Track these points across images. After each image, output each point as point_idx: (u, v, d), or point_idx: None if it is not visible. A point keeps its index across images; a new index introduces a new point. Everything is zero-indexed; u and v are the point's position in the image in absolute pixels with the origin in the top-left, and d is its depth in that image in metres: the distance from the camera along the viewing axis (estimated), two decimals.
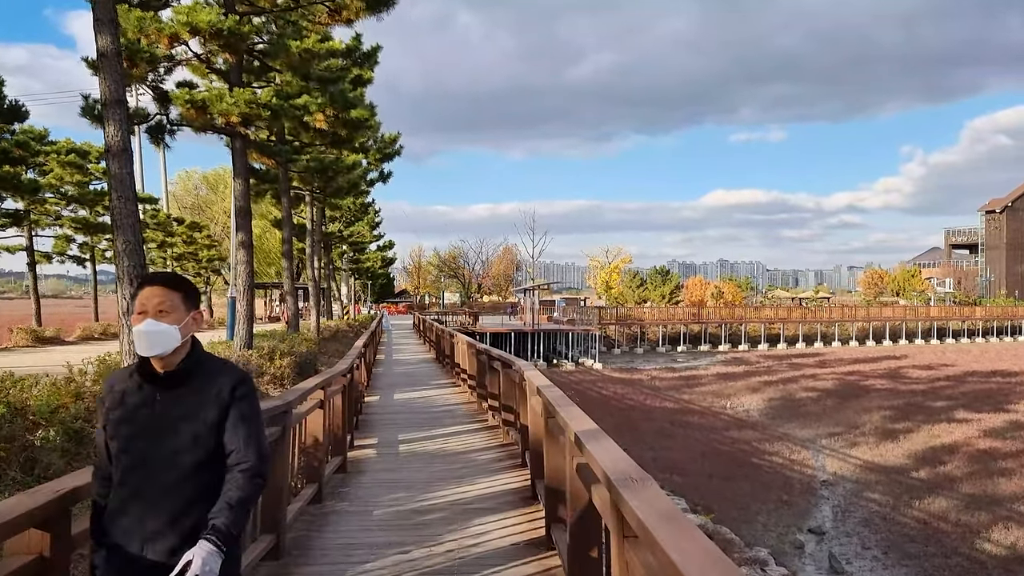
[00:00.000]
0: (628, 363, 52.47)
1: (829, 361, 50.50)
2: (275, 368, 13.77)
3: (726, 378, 40.86)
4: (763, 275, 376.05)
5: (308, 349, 15.95)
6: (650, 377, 41.82)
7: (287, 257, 18.82)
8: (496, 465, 8.27)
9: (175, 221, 42.82)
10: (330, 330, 29.48)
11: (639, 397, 33.03)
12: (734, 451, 23.06)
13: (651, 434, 24.52)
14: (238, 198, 13.39)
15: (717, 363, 51.54)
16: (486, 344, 41.73)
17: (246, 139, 13.66)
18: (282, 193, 18.68)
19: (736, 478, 19.95)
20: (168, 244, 41.17)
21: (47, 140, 26.27)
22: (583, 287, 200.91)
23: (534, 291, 49.94)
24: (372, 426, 11.15)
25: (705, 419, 28.29)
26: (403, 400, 14.08)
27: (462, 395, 14.61)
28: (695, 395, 34.73)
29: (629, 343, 61.41)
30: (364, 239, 44.87)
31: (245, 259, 13.37)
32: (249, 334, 13.25)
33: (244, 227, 13.42)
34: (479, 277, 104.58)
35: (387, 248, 54.12)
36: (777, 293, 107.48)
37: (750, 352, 59.58)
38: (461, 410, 12.63)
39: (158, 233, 38.21)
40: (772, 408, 31.58)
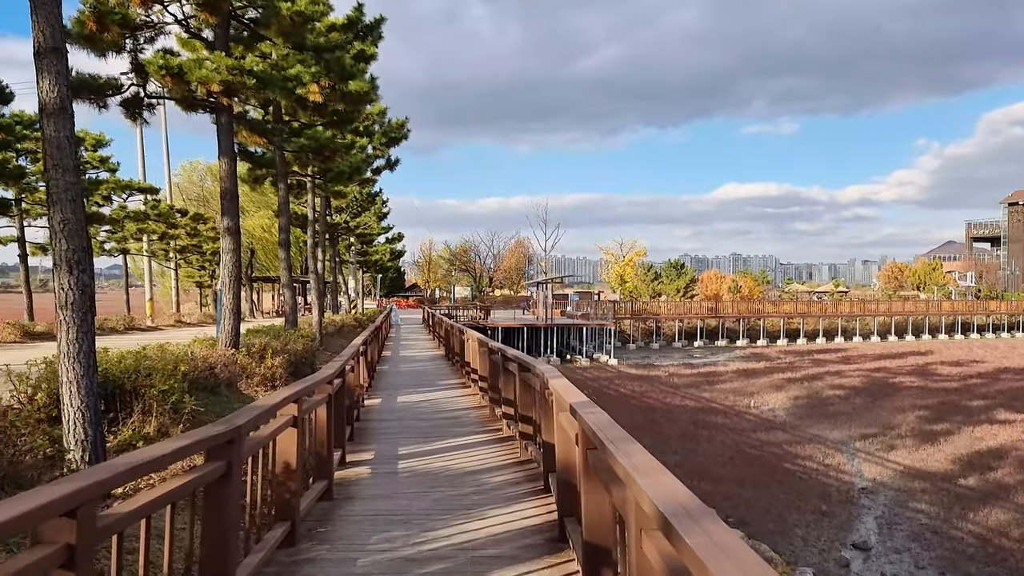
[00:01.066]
0: (644, 359, 50.97)
1: (852, 357, 48.82)
2: (265, 368, 12.42)
3: (747, 375, 39.31)
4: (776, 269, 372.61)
5: (304, 347, 14.58)
6: (668, 374, 40.31)
7: (283, 247, 17.43)
8: (513, 491, 6.85)
9: (178, 212, 41.57)
10: (335, 325, 28.15)
11: (658, 395, 31.56)
12: (764, 455, 21.57)
13: (675, 436, 23.06)
14: (223, 179, 12.02)
15: (736, 359, 49.98)
16: (498, 340, 40.26)
17: (232, 114, 12.27)
18: (279, 178, 17.30)
19: (769, 485, 18.49)
20: (171, 236, 39.90)
21: (36, 125, 24.99)
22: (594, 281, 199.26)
23: (547, 285, 48.47)
24: (370, 436, 9.76)
25: (730, 419, 26.80)
26: (407, 404, 12.69)
27: (472, 398, 13.21)
28: (717, 393, 33.23)
29: (644, 338, 59.91)
30: (372, 231, 43.47)
31: (231, 247, 12.01)
32: (235, 331, 11.88)
33: (230, 211, 12.05)
34: (490, 271, 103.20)
35: (396, 241, 52.70)
36: (794, 287, 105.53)
37: (769, 347, 58.00)
38: (471, 416, 11.22)
39: (160, 224, 36.95)
40: (799, 407, 30.04)
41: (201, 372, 9.43)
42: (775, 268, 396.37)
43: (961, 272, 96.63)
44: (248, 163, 18.49)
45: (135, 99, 11.83)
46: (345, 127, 15.62)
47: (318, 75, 12.78)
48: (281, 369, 12.74)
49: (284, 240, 17.40)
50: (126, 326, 31.42)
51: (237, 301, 12.02)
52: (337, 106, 14.49)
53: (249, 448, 4.31)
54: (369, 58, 16.88)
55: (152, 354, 8.40)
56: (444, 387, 15.07)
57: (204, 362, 9.67)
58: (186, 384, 8.19)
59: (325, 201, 27.99)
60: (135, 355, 8.30)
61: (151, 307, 39.01)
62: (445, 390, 14.59)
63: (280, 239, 17.56)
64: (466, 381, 15.33)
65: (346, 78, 13.49)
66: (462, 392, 14.13)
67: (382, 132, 23.86)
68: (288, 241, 17.49)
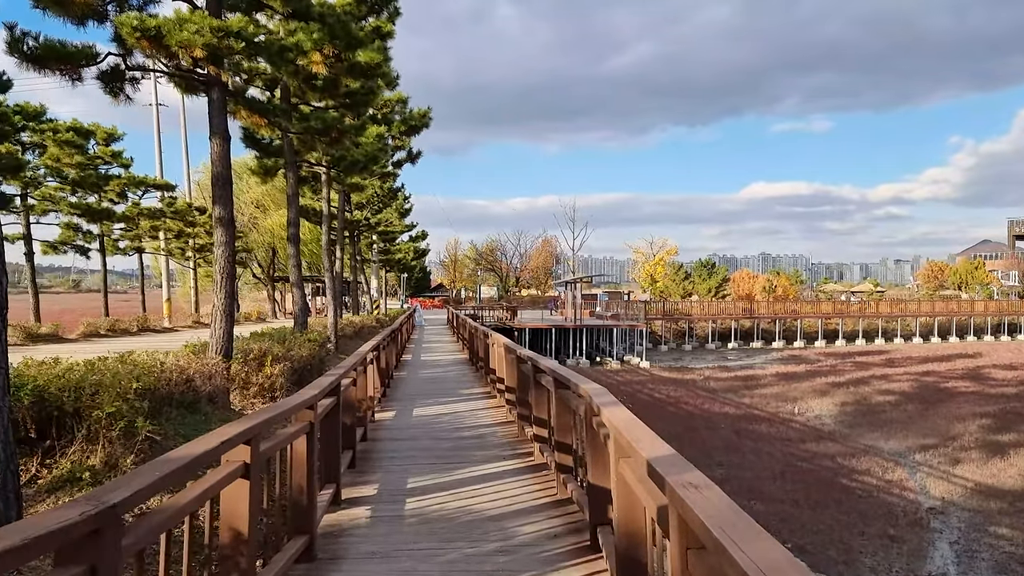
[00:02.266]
0: (676, 361, 49.11)
1: (897, 360, 46.55)
2: (262, 378, 10.94)
3: (788, 379, 37.31)
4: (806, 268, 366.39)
5: (311, 352, 13.09)
6: (704, 377, 38.41)
7: (292, 243, 15.99)
8: (551, 548, 5.24)
9: (196, 211, 40.52)
10: (353, 327, 26.75)
11: (696, 401, 29.75)
12: (817, 469, 19.73)
13: (717, 447, 21.28)
14: (215, 163, 10.55)
15: (774, 361, 47.95)
16: (525, 342, 38.57)
17: (225, 89, 10.80)
18: (288, 167, 15.85)
19: (827, 505, 16.67)
20: (188, 235, 38.81)
21: (43, 118, 23.93)
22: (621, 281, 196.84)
23: (576, 284, 46.76)
24: (376, 461, 8.21)
25: (774, 428, 24.93)
26: (423, 418, 11.13)
27: (498, 411, 11.62)
28: (757, 398, 31.34)
29: (676, 339, 58.02)
30: (394, 229, 42.07)
31: (224, 239, 10.53)
32: (227, 336, 10.39)
33: (222, 199, 10.58)
34: (517, 270, 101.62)
35: (419, 239, 51.17)
36: (828, 286, 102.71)
37: (807, 349, 55.82)
38: (497, 436, 9.62)
39: (177, 222, 35.84)
40: (847, 414, 28.08)
41: (175, 386, 7.94)
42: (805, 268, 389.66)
43: (1004, 271, 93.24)
44: (255, 151, 17.06)
45: (115, 71, 10.39)
46: (358, 111, 14.13)
47: (321, 42, 11.27)
48: (282, 378, 11.26)
49: (293, 235, 15.94)
50: (140, 327, 30.32)
51: (230, 301, 10.54)
52: (347, 82, 12.98)
53: (143, 535, 2.74)
54: (385, 35, 15.39)
55: (109, 366, 6.91)
56: (466, 397, 13.50)
57: (180, 373, 8.18)
58: (146, 403, 6.67)
59: (343, 196, 26.58)
60: (86, 367, 6.82)
61: (168, 307, 37.95)
62: (467, 401, 13.02)
63: (288, 234, 16.12)
64: (491, 390, 13.76)
65: (353, 46, 11.97)
66: (486, 404, 12.55)
67: (401, 120, 22.36)
68: (297, 236, 16.04)
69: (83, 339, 25.17)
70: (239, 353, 11.14)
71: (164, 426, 7.22)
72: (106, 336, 26.63)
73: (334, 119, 13.10)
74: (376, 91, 15.19)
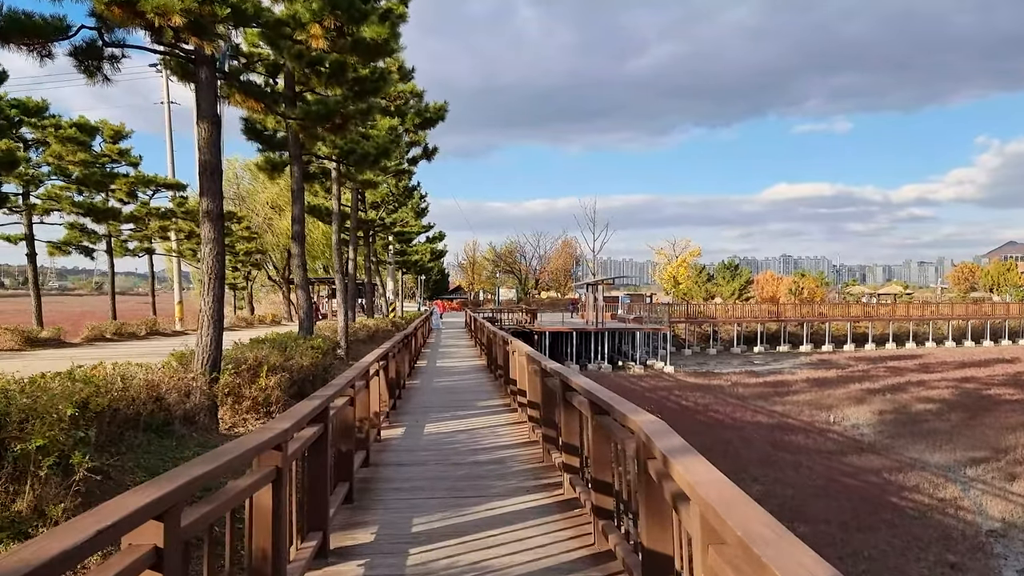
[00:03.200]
0: (701, 365, 47.66)
1: (931, 365, 44.82)
2: (256, 391, 9.78)
3: (820, 385, 35.76)
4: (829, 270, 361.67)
5: (313, 360, 11.92)
6: (731, 383, 36.94)
7: (297, 241, 14.83)
8: None
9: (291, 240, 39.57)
10: (367, 330, 25.60)
11: (725, 409, 28.35)
12: (862, 485, 18.32)
13: (752, 460, 19.90)
14: (202, 149, 9.40)
15: (803, 366, 46.37)
16: (545, 346, 37.24)
17: (214, 67, 9.65)
18: (292, 160, 14.72)
19: (877, 527, 15.28)
20: (198, 235, 37.92)
21: (45, 114, 23.02)
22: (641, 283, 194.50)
23: (598, 287, 45.40)
24: (378, 493, 7.01)
25: (812, 439, 23.49)
26: (436, 437, 9.92)
27: (519, 428, 10.39)
28: (789, 406, 29.88)
29: (700, 343, 56.53)
30: (410, 229, 40.89)
31: (212, 235, 9.37)
32: (215, 344, 9.22)
33: (211, 191, 9.43)
34: (536, 272, 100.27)
35: (437, 240, 49.99)
36: (855, 288, 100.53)
37: (836, 353, 54.16)
38: (518, 460, 8.38)
39: (188, 223, 34.88)
40: (886, 424, 26.57)
41: (141, 405, 6.77)
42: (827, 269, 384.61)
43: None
44: (257, 142, 15.96)
45: (90, 47, 9.27)
46: (368, 99, 12.97)
47: (320, 12, 10.14)
48: (278, 391, 10.10)
49: (298, 233, 14.79)
50: (148, 330, 29.39)
51: (219, 305, 9.36)
52: (353, 63, 11.79)
53: None
54: (398, 18, 14.19)
55: (52, 384, 5.72)
56: (484, 410, 12.27)
57: (148, 391, 7.01)
58: (93, 430, 5.48)
59: (356, 194, 25.45)
60: (28, 385, 5.65)
61: (180, 310, 37.02)
62: (485, 414, 11.79)
63: (293, 231, 14.97)
64: (511, 403, 12.52)
65: (357, 19, 10.81)
66: (506, 419, 11.31)
67: (416, 112, 21.17)
68: (302, 234, 14.88)
69: (86, 344, 24.21)
70: (230, 363, 9.99)
71: (124, 457, 6.05)
72: (111, 340, 25.67)
73: (337, 103, 11.93)
74: (387, 78, 14.03)
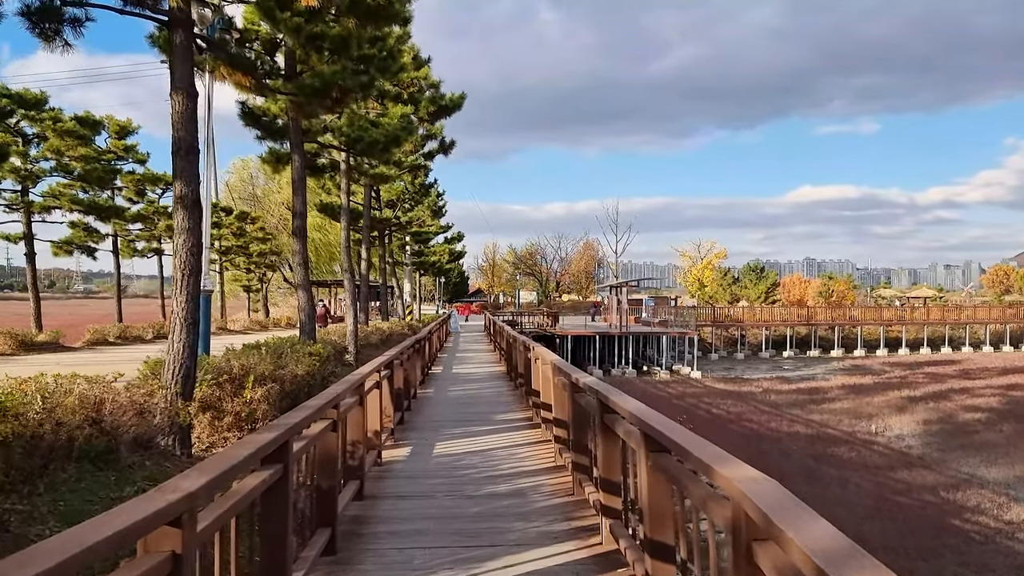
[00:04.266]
0: (729, 371, 45.97)
1: (972, 371, 42.79)
2: (239, 404, 8.46)
3: (856, 392, 33.97)
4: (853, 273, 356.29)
5: (311, 369, 10.59)
6: (763, 390, 35.23)
7: (298, 237, 13.49)
8: None
9: (222, 211, 38.61)
10: (381, 334, 24.31)
11: (760, 418, 26.74)
12: (917, 505, 16.70)
13: (795, 476, 18.31)
14: (176, 125, 8.09)
15: (835, 371, 44.55)
16: (567, 350, 35.69)
17: (191, 31, 8.35)
18: (294, 148, 13.41)
19: (941, 554, 13.68)
20: (212, 236, 36.83)
21: (44, 107, 21.94)
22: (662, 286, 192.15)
23: (622, 289, 43.86)
24: (369, 541, 5.62)
25: (855, 451, 21.85)
26: (446, 460, 8.54)
27: (542, 449, 8.98)
28: (827, 415, 28.20)
29: (727, 347, 54.79)
30: (427, 230, 39.56)
31: (186, 225, 8.05)
32: (189, 352, 7.89)
33: (186, 173, 8.11)
34: (557, 275, 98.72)
35: (455, 240, 48.61)
36: (885, 291, 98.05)
37: (869, 359, 52.22)
38: (543, 492, 6.97)
39: None
40: (933, 435, 24.83)
41: (74, 429, 5.44)
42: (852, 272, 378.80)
43: None
44: (255, 128, 14.65)
45: (46, 7, 8.01)
46: (370, 70, 11.64)
47: None
48: (265, 404, 8.77)
49: (299, 228, 13.46)
50: (156, 334, 28.28)
51: (193, 307, 8.03)
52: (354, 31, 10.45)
53: None
54: None
55: None
56: (502, 425, 10.87)
57: (85, 411, 5.67)
58: None
59: (369, 191, 24.19)
60: None
61: None
62: (503, 430, 10.39)
63: (293, 226, 13.65)
64: (532, 416, 11.12)
65: None
66: (527, 436, 9.90)
67: (430, 100, 19.80)
68: (304, 229, 13.54)
69: (87, 347, 23.15)
70: (210, 373, 8.68)
71: (39, 499, 4.71)
72: (114, 344, 24.60)
73: (334, 73, 10.61)
74: (395, 56, 12.74)
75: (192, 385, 7.94)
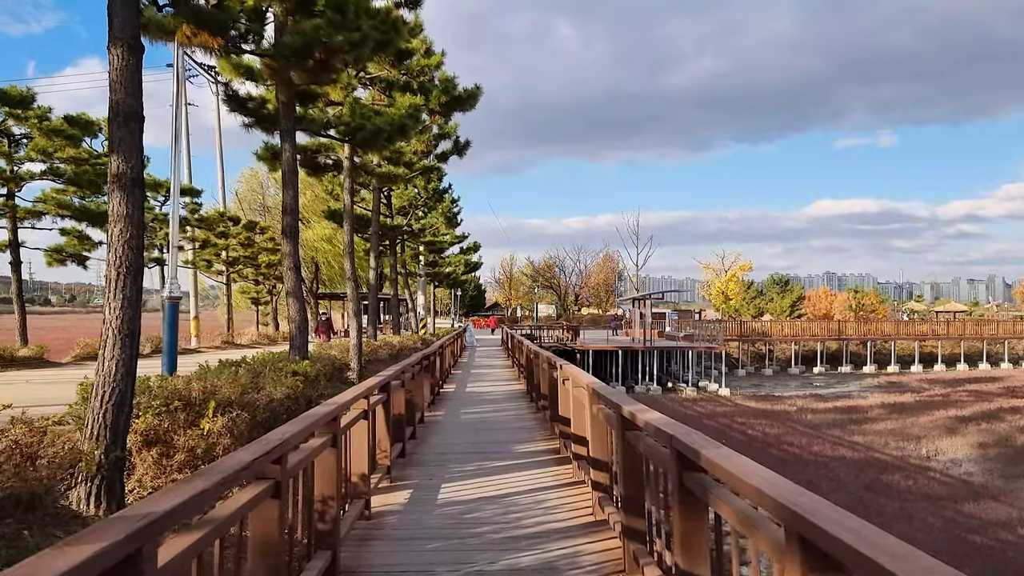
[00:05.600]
0: (757, 388, 43.83)
1: (1018, 388, 40.37)
2: (193, 439, 6.71)
3: (899, 411, 31.80)
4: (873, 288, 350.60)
5: (291, 391, 8.83)
6: (797, 408, 33.12)
7: (288, 237, 11.77)
8: None
9: (230, 220, 37.14)
10: (391, 349, 22.57)
11: (800, 440, 24.67)
12: (996, 546, 14.62)
13: (850, 508, 16.22)
14: (115, 85, 6.43)
15: (871, 389, 42.31)
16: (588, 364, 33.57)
17: None
18: (284, 135, 11.72)
19: None
20: (219, 246, 35.34)
21: (31, 104, 20.48)
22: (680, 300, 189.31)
23: (646, 302, 41.91)
24: None
25: (911, 479, 19.76)
26: (453, 508, 6.72)
27: (576, 495, 7.15)
28: (871, 436, 26.09)
29: (754, 363, 52.61)
30: (442, 240, 37.82)
31: (124, 211, 6.34)
32: (123, 372, 6.15)
33: (125, 145, 6.42)
34: (576, 288, 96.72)
35: (471, 251, 46.80)
36: (916, 305, 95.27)
37: (904, 375, 49.90)
38: (581, 566, 5.14)
39: (203, 231, 32.36)
40: (991, 459, 22.67)
41: None
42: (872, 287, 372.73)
43: None
44: (239, 112, 12.93)
45: None
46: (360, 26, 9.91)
47: None
48: (229, 437, 7.01)
49: (289, 225, 11.76)
50: (154, 348, 26.68)
51: (131, 314, 6.29)
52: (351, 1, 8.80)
53: None
54: None
55: None
56: (523, 459, 9.03)
57: None
58: None
59: (379, 195, 22.52)
60: None
61: (196, 326, 34.41)
62: (525, 467, 8.55)
63: (284, 224, 11.93)
64: (559, 447, 9.30)
65: None
66: (554, 474, 8.08)
67: (442, 89, 18.04)
68: (295, 228, 11.83)
69: (75, 362, 21.57)
70: (159, 399, 6.94)
71: None
72: None
73: (316, 28, 8.90)
74: (399, 29, 11.06)
75: (127, 414, 6.19)
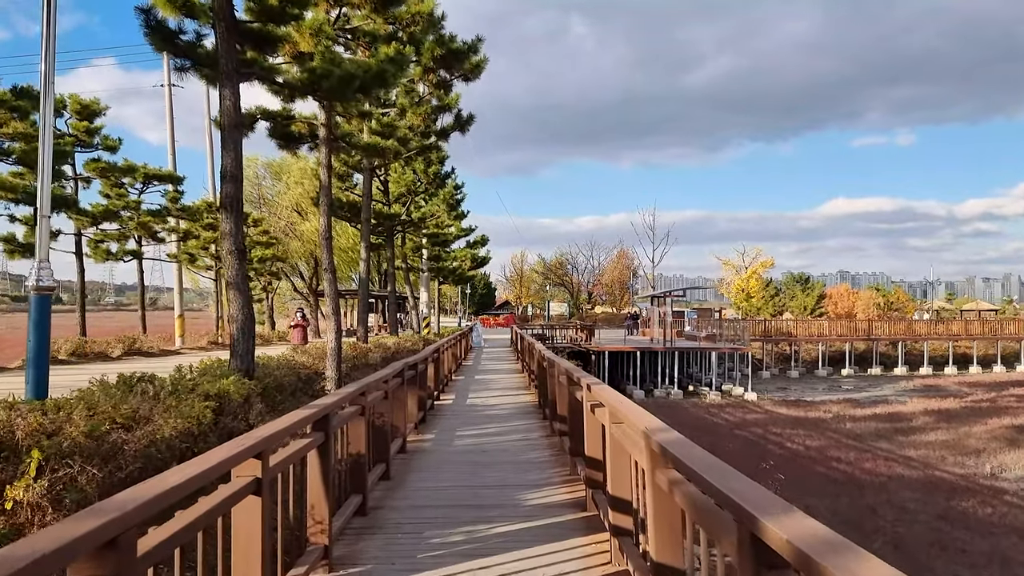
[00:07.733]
0: (784, 391, 40.98)
1: None
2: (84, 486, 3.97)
3: (945, 418, 28.93)
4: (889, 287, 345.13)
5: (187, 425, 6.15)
6: (833, 415, 30.26)
7: (228, 210, 9.12)
8: None
9: (219, 211, 34.56)
10: (384, 352, 19.90)
11: (846, 454, 21.84)
12: None
13: (927, 548, 13.51)
14: None
15: (908, 393, 39.42)
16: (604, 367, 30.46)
17: None
18: (224, 79, 9.02)
19: None
20: (205, 238, 32.73)
21: None
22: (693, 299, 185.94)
23: (666, 299, 39.14)
24: None
25: (988, 505, 16.90)
26: None
27: None
28: (923, 449, 23.25)
29: (779, 364, 49.74)
30: (446, 232, 35.07)
31: None
32: None
33: None
34: (589, 286, 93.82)
35: (478, 245, 44.02)
36: (944, 304, 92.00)
37: (938, 377, 46.98)
38: None
39: (187, 222, 29.77)
40: None
41: None
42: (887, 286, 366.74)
43: None
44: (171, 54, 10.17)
45: None
46: None
47: None
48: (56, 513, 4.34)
49: (229, 195, 9.11)
50: (126, 349, 24.15)
51: None
52: None
53: None
54: None
55: None
56: (533, 524, 6.30)
57: None
58: None
59: (370, 178, 19.86)
60: None
61: (181, 325, 31.89)
62: (536, 540, 5.85)
63: (222, 195, 9.32)
64: (585, 499, 6.58)
65: None
66: (581, 547, 5.39)
67: (436, 41, 15.21)
68: (237, 199, 9.20)
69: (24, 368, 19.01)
70: None
71: None
72: (64, 363, 20.45)
73: None
74: None
75: None
